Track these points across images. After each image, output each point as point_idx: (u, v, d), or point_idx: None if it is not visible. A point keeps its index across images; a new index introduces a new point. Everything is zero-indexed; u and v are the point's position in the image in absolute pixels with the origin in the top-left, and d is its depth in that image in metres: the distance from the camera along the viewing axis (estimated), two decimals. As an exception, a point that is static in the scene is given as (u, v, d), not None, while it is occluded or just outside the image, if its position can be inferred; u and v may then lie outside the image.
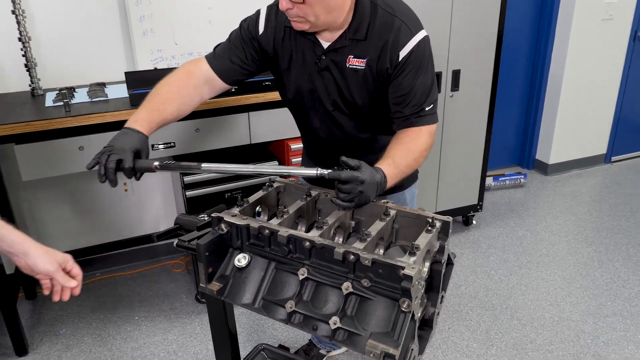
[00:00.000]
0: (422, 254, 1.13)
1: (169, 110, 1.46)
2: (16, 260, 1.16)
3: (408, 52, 1.40)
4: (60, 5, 2.53)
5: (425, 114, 1.45)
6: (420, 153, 1.43)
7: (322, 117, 1.59)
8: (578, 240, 3.30)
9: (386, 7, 1.43)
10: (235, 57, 1.52)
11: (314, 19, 1.36)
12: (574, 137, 4.26)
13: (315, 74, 1.50)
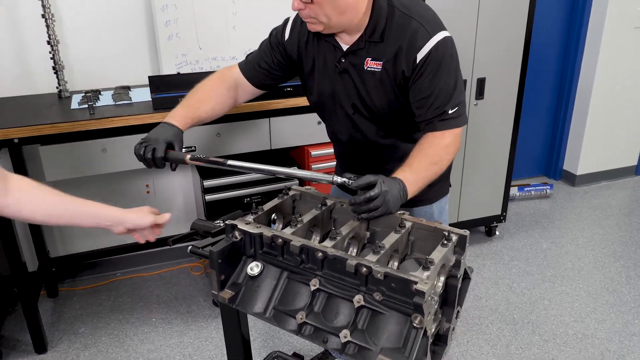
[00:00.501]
0: (437, 269, 1.10)
1: (203, 108, 1.56)
2: (113, 229, 1.32)
3: (425, 54, 1.37)
4: (89, 9, 2.58)
5: (448, 117, 1.41)
6: (440, 157, 1.40)
7: (343, 120, 1.59)
8: (605, 255, 3.21)
9: (403, 9, 1.41)
10: (264, 62, 1.61)
11: (326, 19, 1.37)
12: (603, 148, 4.15)
13: (335, 77, 1.51)
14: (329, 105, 1.59)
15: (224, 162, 1.39)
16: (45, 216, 1.26)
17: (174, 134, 1.47)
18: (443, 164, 1.41)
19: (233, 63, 2.84)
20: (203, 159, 1.42)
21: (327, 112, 1.63)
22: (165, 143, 1.43)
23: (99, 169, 2.28)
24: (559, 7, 3.83)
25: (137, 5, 2.65)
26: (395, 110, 1.49)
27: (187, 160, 1.41)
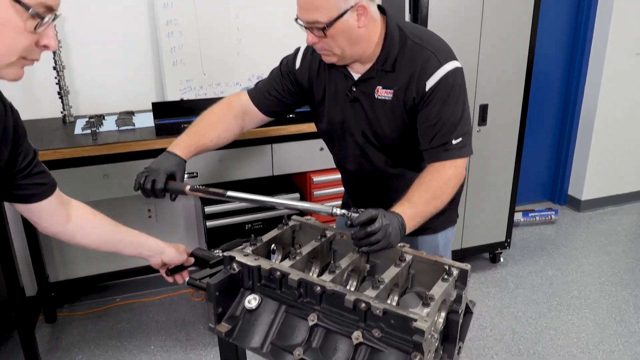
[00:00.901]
0: (437, 305, 1.07)
1: (209, 136, 1.55)
2: (151, 260, 1.38)
3: (435, 83, 1.38)
4: (96, 35, 2.61)
5: (451, 147, 1.40)
6: (442, 191, 1.39)
7: (352, 149, 1.59)
8: (612, 283, 3.16)
9: (415, 38, 1.42)
10: (273, 89, 1.61)
11: (340, 51, 1.39)
12: (608, 173, 4.12)
13: (346, 105, 1.52)
14: (339, 133, 1.59)
15: (224, 193, 1.38)
16: (95, 243, 1.32)
17: (176, 163, 1.47)
18: (444, 197, 1.39)
19: (237, 89, 2.89)
20: (202, 189, 1.41)
21: (336, 140, 1.63)
22: (166, 174, 1.43)
23: (101, 194, 2.28)
24: (561, 33, 3.85)
25: (143, 32, 2.68)
26: (405, 138, 1.49)
27: (187, 191, 1.40)
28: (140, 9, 2.65)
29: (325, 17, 1.32)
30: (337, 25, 1.33)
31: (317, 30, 1.34)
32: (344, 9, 1.31)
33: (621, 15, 3.65)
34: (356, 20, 1.34)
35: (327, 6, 1.31)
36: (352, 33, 1.36)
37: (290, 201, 1.35)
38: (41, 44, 0.92)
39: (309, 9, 1.33)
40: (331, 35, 1.34)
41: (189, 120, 2.28)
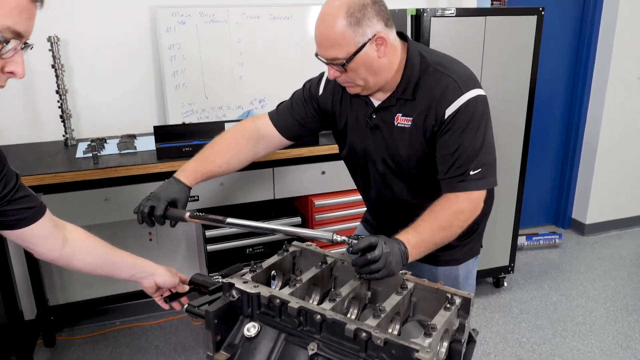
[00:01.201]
0: (440, 334, 1.05)
1: (217, 162, 1.53)
2: (144, 282, 1.36)
3: (455, 110, 1.35)
4: (98, 59, 2.63)
5: (468, 178, 1.36)
6: (451, 223, 1.34)
7: (373, 176, 1.57)
8: (618, 308, 3.12)
9: (437, 65, 1.40)
10: (296, 113, 1.59)
11: (363, 82, 1.38)
12: (612, 196, 4.10)
13: (367, 133, 1.51)
14: (360, 160, 1.58)
15: (223, 220, 1.36)
16: (90, 266, 1.30)
17: (179, 190, 1.45)
18: (453, 230, 1.35)
19: (239, 112, 2.91)
20: (202, 216, 1.40)
21: (358, 167, 1.62)
22: (167, 201, 1.41)
23: (101, 218, 2.27)
24: (563, 56, 3.87)
25: (145, 56, 2.71)
26: (424, 167, 1.46)
27: (187, 218, 1.39)
28: (143, 33, 2.67)
29: (343, 53, 1.31)
30: (356, 59, 1.32)
31: (338, 66, 1.34)
32: (362, 43, 1.30)
33: (623, 39, 3.67)
34: (376, 51, 1.33)
35: (344, 42, 1.30)
36: (374, 64, 1.35)
37: (290, 228, 1.34)
38: (6, 70, 0.89)
39: (327, 47, 1.32)
40: (352, 69, 1.34)
41: (190, 144, 2.29)
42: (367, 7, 1.29)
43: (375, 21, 1.31)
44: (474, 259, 1.67)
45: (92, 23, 2.58)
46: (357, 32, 1.29)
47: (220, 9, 2.73)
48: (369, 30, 1.30)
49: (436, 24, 2.61)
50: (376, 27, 1.31)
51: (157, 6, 2.62)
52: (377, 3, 1.33)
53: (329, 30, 1.30)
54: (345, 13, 1.28)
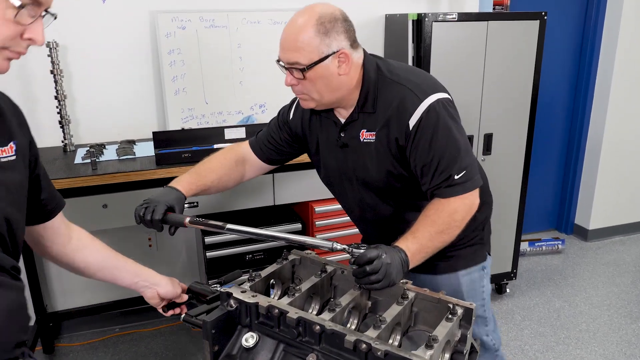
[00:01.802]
0: (441, 346, 1.03)
1: (210, 177, 1.57)
2: (146, 292, 1.35)
3: (418, 119, 1.34)
4: (98, 64, 2.62)
5: (455, 182, 1.35)
6: (448, 225, 1.34)
7: (351, 194, 1.57)
8: (621, 315, 3.09)
9: (392, 76, 1.40)
10: (272, 138, 1.65)
11: (318, 96, 1.39)
12: (615, 202, 4.07)
13: (338, 152, 1.51)
14: (336, 180, 1.58)
15: (223, 226, 1.35)
16: (92, 267, 1.29)
17: (176, 197, 1.46)
18: (451, 232, 1.34)
19: (239, 117, 2.89)
20: (202, 222, 1.39)
21: (335, 187, 1.62)
22: (166, 206, 1.41)
23: (100, 224, 2.25)
24: (566, 60, 3.85)
25: (145, 61, 2.69)
26: (399, 181, 1.45)
27: (186, 224, 1.39)
28: (142, 38, 2.66)
29: (305, 59, 1.32)
30: (317, 68, 1.32)
31: (297, 72, 1.34)
32: (325, 54, 1.32)
33: (627, 44, 3.65)
34: (337, 67, 1.34)
35: (308, 48, 1.31)
36: (332, 79, 1.35)
37: (290, 235, 1.32)
38: (25, 36, 0.89)
39: (291, 49, 1.33)
40: (310, 78, 1.34)
41: (189, 149, 2.28)
42: (337, 21, 1.32)
43: (342, 37, 1.33)
44: (480, 269, 1.61)
45: (91, 28, 2.57)
46: (323, 42, 1.31)
47: (221, 14, 2.72)
48: (334, 44, 1.32)
49: (438, 29, 2.60)
50: (342, 43, 1.33)
51: (156, 11, 2.61)
52: (347, 22, 1.36)
53: (297, 34, 1.31)
54: (315, 21, 1.30)
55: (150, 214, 1.40)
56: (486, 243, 1.65)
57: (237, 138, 2.40)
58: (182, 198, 1.48)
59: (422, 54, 2.62)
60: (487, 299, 1.65)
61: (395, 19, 2.91)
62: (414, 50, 2.68)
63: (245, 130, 2.42)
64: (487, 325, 1.67)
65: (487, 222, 1.66)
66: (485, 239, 1.64)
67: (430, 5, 3.15)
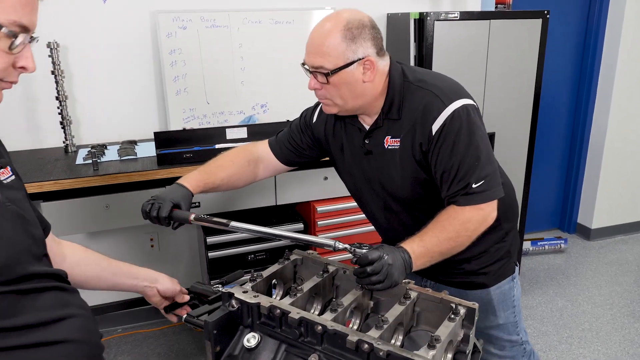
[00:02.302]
0: (444, 346, 1.03)
1: (219, 175, 1.57)
2: (147, 291, 1.34)
3: (441, 125, 1.32)
4: (99, 65, 2.62)
5: (472, 191, 1.31)
6: (457, 233, 1.30)
7: (376, 202, 1.55)
8: (624, 314, 3.08)
9: (418, 82, 1.39)
10: (293, 140, 1.63)
11: (342, 102, 1.38)
12: (618, 201, 4.06)
13: (362, 159, 1.50)
14: (362, 188, 1.57)
15: (227, 223, 1.35)
16: (92, 280, 1.28)
17: (183, 195, 1.46)
18: (460, 240, 1.31)
19: (240, 117, 2.89)
20: (206, 219, 1.39)
21: (361, 195, 1.60)
22: (172, 203, 1.42)
23: (102, 225, 2.25)
24: (568, 60, 3.84)
25: (146, 61, 2.69)
26: (423, 190, 1.42)
27: (191, 220, 1.39)
28: (143, 39, 2.66)
29: (330, 63, 1.31)
30: (341, 74, 1.32)
31: (321, 76, 1.33)
32: (350, 60, 1.31)
33: (630, 43, 3.64)
34: (362, 74, 1.34)
35: (334, 53, 1.30)
36: (356, 86, 1.35)
37: (293, 233, 1.32)
38: (18, 66, 0.89)
39: (316, 53, 1.33)
40: (334, 83, 1.34)
41: (191, 149, 2.28)
42: (365, 28, 1.32)
43: (369, 44, 1.32)
44: (510, 280, 1.59)
45: (92, 28, 2.57)
46: (349, 48, 1.30)
47: (222, 14, 2.71)
48: (360, 50, 1.31)
49: (440, 27, 2.59)
50: (368, 51, 1.33)
51: (157, 11, 2.60)
52: (375, 29, 1.35)
53: (323, 38, 1.31)
54: (343, 27, 1.30)
55: (157, 210, 1.40)
56: (513, 254, 1.61)
57: (238, 138, 2.40)
58: (189, 195, 1.48)
59: (424, 53, 2.62)
60: (517, 305, 1.63)
61: (397, 18, 2.91)
62: (416, 49, 2.68)
63: (247, 130, 2.42)
64: (518, 327, 1.66)
65: (513, 233, 1.62)
66: (512, 250, 1.60)
67: (432, 4, 3.14)
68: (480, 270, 1.54)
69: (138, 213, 1.92)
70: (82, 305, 1.04)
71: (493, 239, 1.53)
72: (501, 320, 1.61)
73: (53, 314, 0.95)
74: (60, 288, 1.01)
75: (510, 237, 1.59)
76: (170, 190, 1.48)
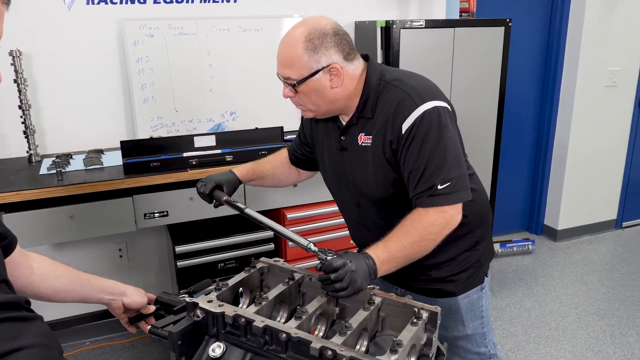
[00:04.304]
0: (406, 350, 1.04)
1: (266, 166, 1.75)
2: (112, 304, 1.32)
3: (411, 125, 1.32)
4: (64, 73, 2.58)
5: (437, 192, 1.31)
6: (421, 237, 1.30)
7: (349, 198, 1.56)
8: (589, 313, 3.16)
9: (394, 81, 1.40)
10: (297, 147, 1.74)
11: (315, 107, 1.42)
12: (582, 202, 4.17)
13: (338, 156, 1.52)
14: (336, 184, 1.59)
15: (243, 208, 1.50)
16: (59, 293, 1.26)
17: (227, 178, 1.63)
18: (425, 244, 1.31)
19: (210, 125, 2.88)
20: (233, 202, 1.55)
21: (335, 192, 1.62)
22: (215, 183, 1.59)
23: (67, 236, 2.21)
24: (532, 66, 3.94)
25: (113, 69, 2.66)
26: (392, 186, 1.42)
27: (223, 201, 1.57)
28: (110, 46, 2.63)
29: (296, 74, 1.35)
30: (308, 83, 1.35)
31: (290, 86, 1.38)
32: (315, 69, 1.34)
33: (589, 48, 3.75)
34: (329, 81, 1.36)
35: (298, 64, 1.34)
36: (325, 92, 1.37)
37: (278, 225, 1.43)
38: None
39: (283, 65, 1.37)
40: (303, 91, 1.37)
41: (158, 158, 2.26)
42: (327, 37, 1.33)
43: (332, 52, 1.34)
44: (478, 290, 1.58)
45: (57, 36, 2.53)
46: (312, 58, 1.33)
47: (189, 22, 2.71)
48: (323, 59, 1.34)
49: (405, 35, 2.64)
50: (332, 58, 1.34)
51: (123, 19, 2.58)
52: (339, 35, 1.36)
53: (287, 50, 1.35)
54: (304, 38, 1.33)
55: (202, 187, 1.58)
56: (484, 264, 1.60)
57: (206, 146, 2.39)
58: (235, 180, 1.64)
59: (391, 60, 2.65)
60: (485, 317, 1.62)
61: (364, 26, 2.94)
62: (383, 56, 2.72)
63: (216, 138, 2.41)
64: (486, 339, 1.65)
65: (486, 242, 1.60)
66: (484, 260, 1.59)
67: (399, 13, 3.19)
68: (448, 278, 1.53)
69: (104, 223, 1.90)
70: (41, 333, 0.98)
71: (464, 246, 1.53)
72: (469, 331, 1.60)
73: (2, 347, 0.90)
74: (14, 318, 0.96)
75: (482, 246, 1.58)
76: (220, 173, 1.64)
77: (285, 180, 1.79)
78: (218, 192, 1.59)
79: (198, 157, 2.31)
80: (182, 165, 2.29)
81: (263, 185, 1.79)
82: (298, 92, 1.38)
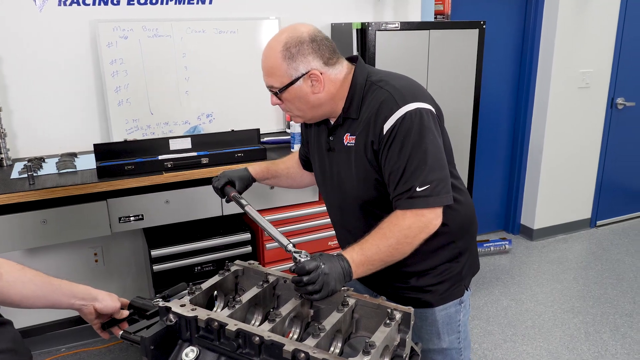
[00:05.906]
0: (379, 351, 1.05)
1: (281, 166, 1.81)
2: (83, 309, 1.30)
3: (392, 125, 1.31)
4: (36, 75, 2.54)
5: (415, 195, 1.29)
6: (398, 240, 1.29)
7: (334, 198, 1.56)
8: (564, 311, 3.21)
9: (379, 82, 1.40)
10: (302, 148, 1.77)
11: (301, 113, 1.44)
12: (557, 202, 4.24)
13: (325, 155, 1.53)
14: (323, 185, 1.60)
15: (244, 205, 1.57)
16: (29, 299, 1.23)
17: (240, 175, 1.70)
18: (401, 248, 1.30)
19: (186, 127, 2.85)
20: (237, 198, 1.61)
21: (323, 192, 1.62)
22: (227, 179, 1.67)
23: (39, 241, 2.17)
24: (507, 68, 3.99)
25: (86, 71, 2.63)
26: (375, 189, 1.41)
27: (230, 197, 1.63)
28: (83, 48, 2.59)
29: (278, 82, 1.37)
30: (290, 90, 1.37)
31: (274, 94, 1.41)
32: (294, 77, 1.35)
33: (562, 52, 3.82)
34: (310, 87, 1.36)
35: (279, 73, 1.36)
36: (308, 98, 1.39)
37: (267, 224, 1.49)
38: None
39: (266, 75, 1.40)
40: (286, 99, 1.40)
41: (133, 161, 2.23)
42: (304, 44, 1.34)
43: (310, 58, 1.35)
44: (457, 303, 1.55)
45: (29, 38, 2.49)
46: (291, 66, 1.34)
47: (164, 23, 2.68)
48: (302, 66, 1.35)
49: (381, 37, 2.65)
50: (311, 64, 1.35)
51: (97, 20, 2.55)
52: (317, 41, 1.35)
53: (268, 59, 1.38)
54: (282, 46, 1.34)
55: (216, 182, 1.67)
56: (465, 278, 1.56)
57: (182, 149, 2.37)
58: (248, 177, 1.71)
59: (367, 62, 2.66)
60: (463, 332, 1.59)
61: (340, 28, 2.95)
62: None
63: (191, 140, 2.40)
64: (462, 355, 1.62)
65: (469, 255, 1.58)
66: (465, 274, 1.55)
67: (374, 15, 3.21)
68: (426, 287, 1.51)
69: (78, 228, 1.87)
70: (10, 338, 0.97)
71: (444, 257, 1.50)
72: (445, 345, 1.57)
73: None
74: None
75: (464, 258, 1.55)
76: (234, 170, 1.71)
77: (300, 181, 1.82)
78: (229, 188, 1.66)
79: (173, 160, 2.29)
80: (157, 168, 2.27)
81: (278, 184, 1.85)
82: (282, 99, 1.41)
